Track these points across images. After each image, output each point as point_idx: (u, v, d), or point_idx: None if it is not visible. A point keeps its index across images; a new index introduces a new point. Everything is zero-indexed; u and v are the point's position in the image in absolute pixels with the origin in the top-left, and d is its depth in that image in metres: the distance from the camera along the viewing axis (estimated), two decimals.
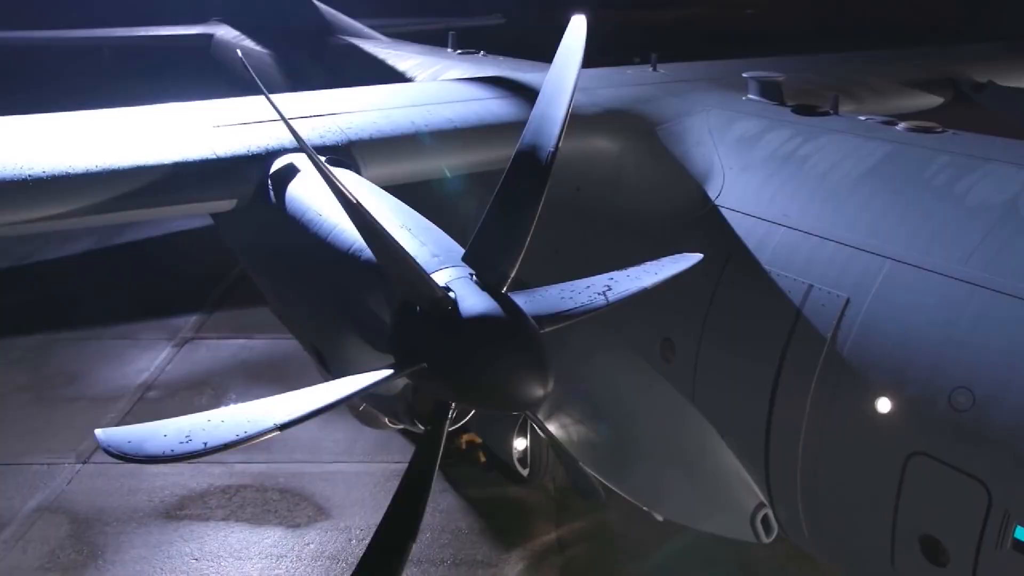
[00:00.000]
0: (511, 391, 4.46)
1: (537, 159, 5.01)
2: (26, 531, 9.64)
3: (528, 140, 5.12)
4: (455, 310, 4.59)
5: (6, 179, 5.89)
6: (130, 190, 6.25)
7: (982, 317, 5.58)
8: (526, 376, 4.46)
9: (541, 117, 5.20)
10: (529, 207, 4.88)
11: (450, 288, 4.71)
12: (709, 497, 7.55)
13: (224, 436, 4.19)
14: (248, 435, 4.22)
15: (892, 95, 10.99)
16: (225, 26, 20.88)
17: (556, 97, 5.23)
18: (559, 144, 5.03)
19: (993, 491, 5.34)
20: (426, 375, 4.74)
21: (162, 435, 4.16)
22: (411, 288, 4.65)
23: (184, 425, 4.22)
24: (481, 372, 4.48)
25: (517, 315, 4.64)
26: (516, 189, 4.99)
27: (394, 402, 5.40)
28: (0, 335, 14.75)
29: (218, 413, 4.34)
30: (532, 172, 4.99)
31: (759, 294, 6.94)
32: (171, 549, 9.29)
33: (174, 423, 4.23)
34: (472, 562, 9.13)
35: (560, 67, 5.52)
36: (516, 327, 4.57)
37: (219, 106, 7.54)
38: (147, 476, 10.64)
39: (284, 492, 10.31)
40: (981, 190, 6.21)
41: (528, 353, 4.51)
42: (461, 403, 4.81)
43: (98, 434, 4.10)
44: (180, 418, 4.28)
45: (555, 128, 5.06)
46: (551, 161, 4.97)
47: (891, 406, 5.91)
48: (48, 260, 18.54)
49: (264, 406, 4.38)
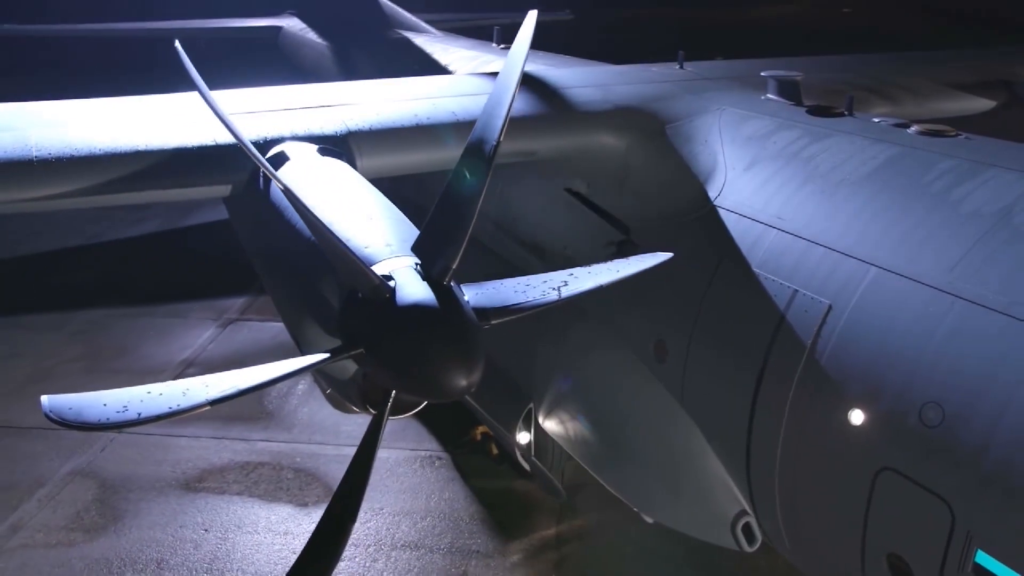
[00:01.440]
0: (436, 378, 4.54)
1: (480, 154, 5.06)
2: (58, 492, 10.26)
3: (475, 135, 5.17)
4: (392, 298, 4.69)
5: (14, 159, 6.28)
6: (129, 173, 6.57)
7: (959, 330, 5.33)
8: (452, 365, 4.53)
9: (488, 113, 5.23)
10: (471, 200, 4.93)
11: (392, 277, 4.82)
12: (693, 501, 7.45)
13: (158, 408, 4.39)
14: (180, 408, 4.41)
15: (935, 97, 10.50)
16: (295, 19, 21.56)
17: (503, 93, 5.26)
18: (500, 139, 5.05)
19: (957, 512, 5.12)
20: (365, 360, 4.87)
21: (102, 404, 4.38)
22: (353, 277, 4.78)
23: (124, 396, 4.43)
24: (408, 358, 4.58)
25: (452, 305, 4.70)
26: (460, 183, 5.04)
27: (349, 387, 5.55)
28: (63, 308, 15.68)
29: (158, 386, 4.53)
30: (475, 166, 5.04)
31: (747, 297, 6.79)
32: (185, 519, 9.72)
33: (114, 394, 4.44)
34: (468, 551, 9.24)
35: (509, 63, 5.54)
36: (448, 317, 4.63)
37: (230, 95, 7.82)
38: (174, 448, 11.15)
39: (298, 471, 10.64)
40: (977, 197, 5.92)
41: (456, 343, 4.58)
42: (394, 388, 4.91)
43: (43, 400, 4.33)
44: (122, 389, 4.49)
45: (498, 123, 5.09)
46: (492, 156, 5.00)
47: (864, 418, 5.71)
48: (116, 240, 19.56)
49: (201, 382, 4.57)
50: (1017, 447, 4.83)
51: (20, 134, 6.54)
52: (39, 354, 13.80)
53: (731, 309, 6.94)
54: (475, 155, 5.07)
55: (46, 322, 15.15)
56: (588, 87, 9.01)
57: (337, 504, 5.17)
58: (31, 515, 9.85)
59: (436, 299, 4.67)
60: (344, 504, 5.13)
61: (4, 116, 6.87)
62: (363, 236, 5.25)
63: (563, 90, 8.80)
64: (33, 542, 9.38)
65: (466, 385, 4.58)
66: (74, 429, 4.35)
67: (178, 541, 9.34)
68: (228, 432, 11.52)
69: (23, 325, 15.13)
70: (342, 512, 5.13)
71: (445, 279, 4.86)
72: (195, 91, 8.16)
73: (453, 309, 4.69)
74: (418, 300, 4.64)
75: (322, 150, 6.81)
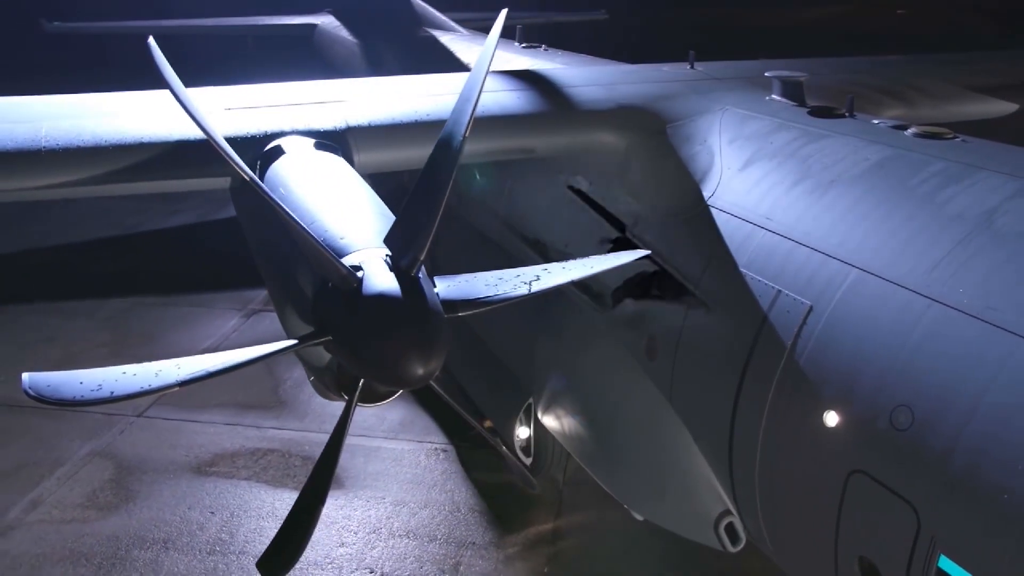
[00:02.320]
0: (395, 366, 4.67)
1: (448, 149, 5.17)
2: (76, 471, 10.66)
3: (444, 131, 5.28)
4: (359, 288, 4.83)
5: (24, 149, 6.58)
6: (132, 164, 6.82)
7: (933, 333, 5.29)
8: (411, 354, 4.66)
9: (457, 110, 5.34)
10: (438, 194, 5.05)
11: (361, 267, 4.96)
12: (677, 499, 7.49)
13: (130, 388, 4.60)
14: (151, 388, 4.63)
15: (953, 100, 10.33)
16: (330, 17, 21.94)
17: (471, 91, 5.36)
18: (466, 134, 5.15)
19: (922, 516, 5.08)
20: (333, 348, 5.03)
21: (78, 382, 4.61)
22: (323, 267, 4.93)
23: (99, 376, 4.65)
24: (371, 346, 4.72)
25: (415, 295, 4.82)
26: (430, 177, 5.17)
27: (326, 374, 5.72)
28: (95, 296, 16.21)
29: (132, 367, 4.75)
30: (443, 161, 5.16)
31: (733, 297, 6.80)
32: (193, 500, 10.03)
33: (91, 373, 4.67)
34: (464, 542, 9.36)
35: (478, 61, 5.64)
36: (410, 306, 4.76)
37: (238, 90, 8.06)
38: (189, 433, 11.49)
39: (306, 459, 10.88)
40: (963, 200, 5.85)
41: (417, 332, 4.70)
42: (359, 374, 5.05)
43: (24, 377, 4.58)
44: (98, 369, 4.71)
45: (464, 119, 5.19)
46: (458, 151, 5.11)
47: (838, 420, 5.69)
48: (151, 231, 20.15)
49: (174, 364, 4.77)
50: (981, 453, 4.79)
51: (32, 125, 6.84)
52: (70, 339, 14.31)
53: (718, 308, 6.95)
54: (443, 150, 5.19)
55: (80, 309, 15.69)
56: (593, 86, 9.06)
57: (308, 489, 5.33)
58: (50, 492, 10.26)
59: (400, 289, 4.79)
60: (314, 488, 5.29)
61: (19, 108, 7.18)
62: (341, 227, 5.41)
63: (566, 88, 8.87)
64: (49, 518, 9.77)
65: (424, 373, 4.70)
66: (50, 405, 4.58)
67: (185, 522, 9.64)
68: (242, 419, 11.83)
69: (59, 311, 15.69)
70: (312, 496, 5.29)
71: (413, 270, 4.98)
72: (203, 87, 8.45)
73: (416, 299, 4.81)
74: (383, 290, 4.77)
75: (318, 144, 6.98)
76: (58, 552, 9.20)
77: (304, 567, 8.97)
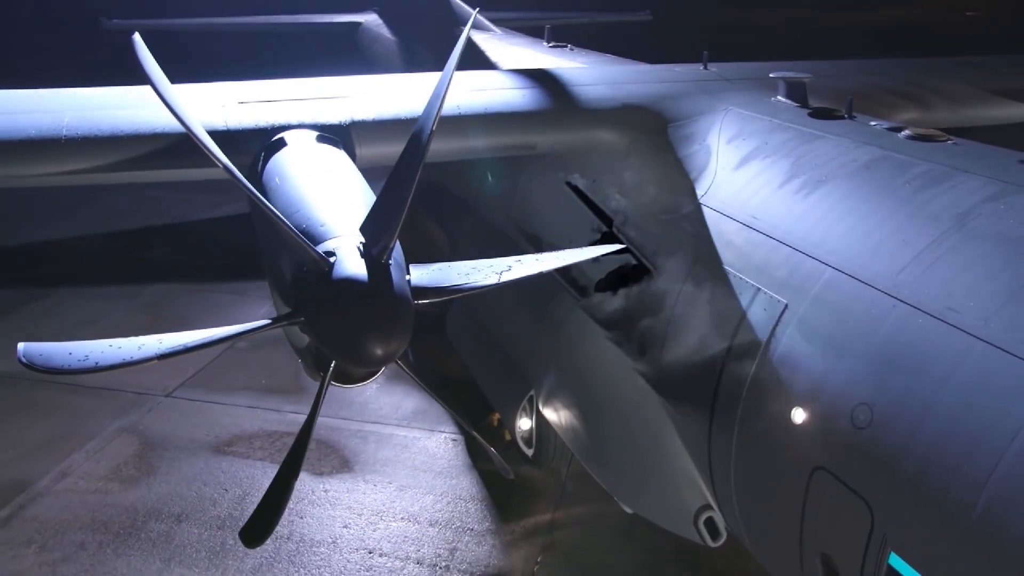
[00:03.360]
0: (358, 347, 4.93)
1: (417, 143, 5.40)
2: (104, 446, 11.21)
3: (416, 127, 5.51)
4: (330, 272, 5.10)
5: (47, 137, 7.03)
6: (147, 153, 7.22)
7: (896, 333, 5.33)
8: (373, 335, 4.91)
9: (428, 106, 5.56)
10: (407, 185, 5.28)
11: (334, 253, 5.23)
12: (660, 493, 7.61)
13: (113, 359, 4.96)
14: (133, 360, 4.98)
15: (974, 104, 10.16)
16: (374, 15, 22.44)
17: (440, 88, 5.57)
18: (433, 129, 5.36)
19: (876, 513, 5.13)
20: (306, 328, 5.31)
21: (68, 353, 4.97)
22: (299, 253, 5.21)
23: (88, 348, 5.01)
24: (335, 326, 4.99)
25: (381, 281, 5.06)
26: (400, 170, 5.40)
27: (306, 355, 6.01)
28: (138, 281, 16.93)
29: (119, 341, 5.12)
30: (412, 155, 5.39)
31: (716, 294, 6.89)
32: (209, 478, 10.47)
33: (80, 345, 5.03)
34: (463, 528, 9.60)
35: (449, 61, 5.84)
36: (374, 291, 5.00)
37: (253, 85, 8.41)
38: (212, 414, 11.98)
39: (320, 443, 11.24)
40: (941, 202, 5.85)
41: (378, 315, 4.95)
42: (326, 354, 5.31)
43: (19, 346, 4.96)
44: (87, 342, 5.08)
45: (432, 114, 5.41)
46: (426, 145, 5.32)
47: (804, 417, 5.76)
48: (195, 221, 20.89)
49: (156, 339, 5.13)
50: (932, 452, 4.82)
51: (56, 115, 7.28)
52: (109, 321, 14.97)
53: (701, 305, 7.04)
54: (412, 145, 5.43)
55: (121, 293, 16.40)
56: (600, 85, 9.21)
57: (284, 465, 5.63)
58: (79, 464, 10.82)
59: (368, 274, 5.04)
60: (289, 464, 5.60)
61: (48, 99, 7.65)
62: (324, 215, 5.69)
63: (573, 87, 9.03)
64: (76, 488, 10.32)
65: (384, 354, 4.94)
66: (39, 372, 4.95)
67: (199, 498, 10.09)
68: (263, 403, 12.27)
69: (102, 295, 16.43)
70: (287, 472, 5.60)
71: (383, 257, 5.22)
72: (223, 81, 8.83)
73: (381, 284, 5.05)
74: (350, 274, 5.03)
75: (320, 137, 7.28)
76: (81, 519, 9.72)
77: (309, 546, 9.33)
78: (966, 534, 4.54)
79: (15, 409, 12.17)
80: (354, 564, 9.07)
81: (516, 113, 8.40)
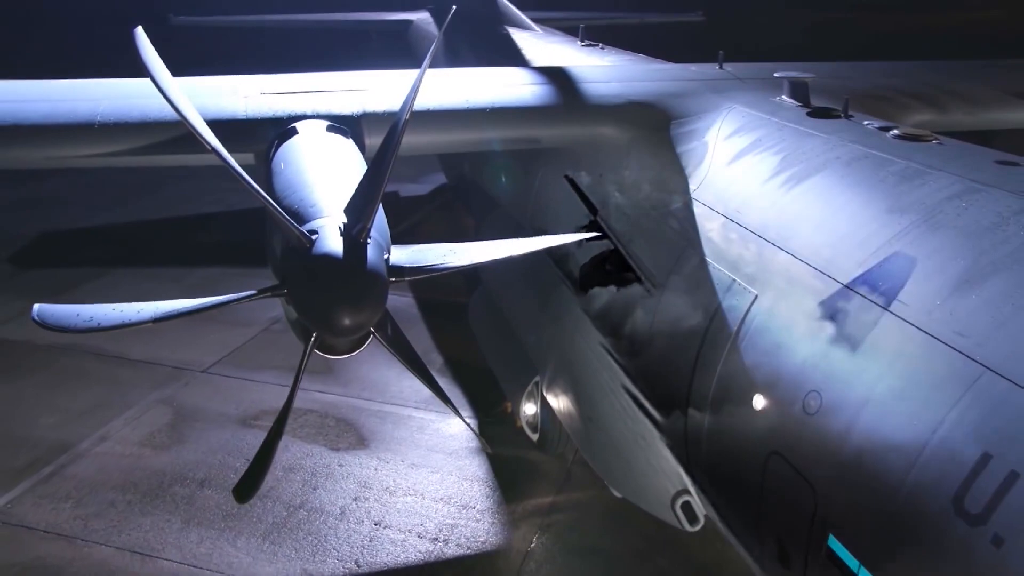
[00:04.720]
0: (328, 317, 5.35)
1: (393, 133, 5.79)
2: (141, 415, 11.98)
3: (395, 119, 5.89)
4: (310, 249, 5.54)
5: (82, 123, 7.67)
6: (170, 138, 7.80)
7: (848, 323, 5.50)
8: (342, 307, 5.32)
9: (405, 99, 5.94)
10: (383, 171, 5.68)
11: (317, 232, 5.66)
12: (642, 477, 7.87)
13: (114, 321, 5.53)
14: (131, 321, 5.55)
15: (992, 107, 10.06)
16: (426, 14, 23.02)
17: (417, 82, 5.93)
18: (406, 120, 5.73)
19: (819, 497, 5.32)
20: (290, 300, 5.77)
21: (75, 315, 5.55)
22: (285, 231, 5.67)
23: (93, 310, 5.59)
24: (311, 297, 5.43)
25: (356, 258, 5.47)
26: (379, 157, 5.81)
27: (296, 327, 6.48)
28: (188, 264, 17.88)
29: (121, 305, 5.69)
30: (388, 144, 5.78)
31: (696, 286, 7.12)
32: (232, 448, 11.12)
33: (88, 308, 5.61)
34: (465, 505, 9.99)
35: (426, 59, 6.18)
36: (347, 267, 5.41)
37: (275, 78, 8.95)
38: (243, 389, 12.64)
39: (339, 420, 11.79)
40: (910, 199, 5.98)
41: (348, 288, 5.36)
42: (306, 324, 5.75)
43: (35, 307, 5.56)
44: (94, 305, 5.66)
45: (405, 106, 5.79)
46: (400, 135, 5.70)
47: (764, 404, 5.97)
48: (246, 209, 21.72)
49: (152, 305, 5.68)
50: (870, 438, 5.00)
51: (93, 104, 7.93)
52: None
53: (683, 296, 7.27)
54: (389, 135, 5.83)
55: (171, 275, 17.34)
56: (610, 82, 9.47)
57: (272, 429, 6.12)
58: (117, 430, 11.60)
59: (344, 251, 5.46)
60: (275, 428, 6.08)
61: (84, 88, 8.32)
62: (316, 197, 6.14)
63: (583, 84, 9.31)
64: (112, 452, 11.08)
65: (351, 324, 5.36)
66: (49, 330, 5.53)
67: (222, 467, 10.73)
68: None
69: (154, 276, 17.40)
70: (273, 435, 6.09)
71: (362, 236, 5.64)
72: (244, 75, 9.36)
73: (356, 261, 5.47)
74: (327, 251, 5.46)
75: (331, 128, 7.74)
76: (114, 480, 10.46)
77: (319, 515, 9.85)
78: (892, 517, 4.71)
79: (67, 377, 13.08)
80: (359, 534, 9.55)
81: (523, 108, 8.73)
